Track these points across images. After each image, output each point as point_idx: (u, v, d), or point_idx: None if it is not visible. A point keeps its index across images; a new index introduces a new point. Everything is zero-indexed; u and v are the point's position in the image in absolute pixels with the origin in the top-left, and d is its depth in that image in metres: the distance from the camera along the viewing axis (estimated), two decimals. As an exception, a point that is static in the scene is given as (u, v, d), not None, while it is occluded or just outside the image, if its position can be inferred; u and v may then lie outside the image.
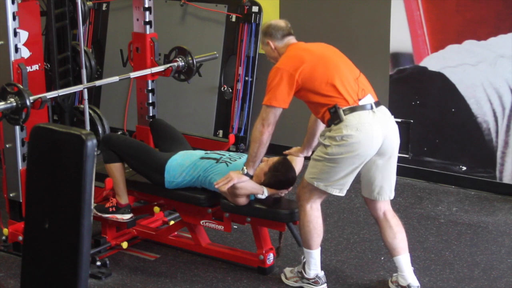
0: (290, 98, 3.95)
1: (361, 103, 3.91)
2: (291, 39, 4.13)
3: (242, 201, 4.19)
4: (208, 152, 4.49)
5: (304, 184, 4.05)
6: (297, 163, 4.41)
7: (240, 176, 4.07)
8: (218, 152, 4.47)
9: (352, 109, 3.88)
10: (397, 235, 4.07)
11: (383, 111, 3.99)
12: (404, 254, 4.08)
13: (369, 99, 3.95)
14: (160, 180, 4.41)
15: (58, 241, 2.77)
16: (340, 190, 3.97)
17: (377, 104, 3.97)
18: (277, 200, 4.29)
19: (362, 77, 4.04)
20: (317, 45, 4.14)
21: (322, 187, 3.97)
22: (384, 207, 4.09)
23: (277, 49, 4.10)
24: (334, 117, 3.88)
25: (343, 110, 3.87)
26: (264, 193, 4.18)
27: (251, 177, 4.10)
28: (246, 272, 4.40)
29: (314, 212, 4.05)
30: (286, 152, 4.46)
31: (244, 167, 4.08)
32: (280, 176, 4.21)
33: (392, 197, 4.07)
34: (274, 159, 4.28)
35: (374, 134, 3.87)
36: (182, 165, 4.38)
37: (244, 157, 4.42)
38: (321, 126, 4.25)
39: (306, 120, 4.36)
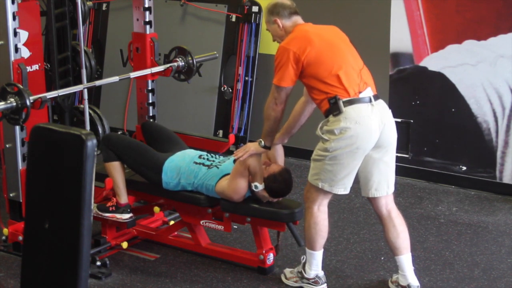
0: (296, 77, 3.96)
1: (361, 95, 3.91)
2: (298, 19, 4.10)
3: (243, 184, 4.16)
4: (202, 155, 4.49)
5: (309, 186, 4.05)
6: (278, 152, 4.36)
7: (257, 148, 4.09)
8: (210, 157, 4.47)
9: (352, 102, 3.88)
10: (401, 234, 4.07)
11: (382, 105, 3.99)
12: (406, 254, 4.08)
13: (369, 92, 3.95)
14: (157, 180, 4.41)
15: (58, 241, 2.77)
16: (344, 188, 3.97)
17: (376, 97, 3.97)
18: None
19: (365, 69, 4.04)
20: (326, 28, 4.12)
21: (327, 188, 3.96)
22: (388, 204, 4.08)
23: (285, 28, 4.08)
24: (333, 108, 3.88)
25: (343, 102, 3.87)
26: (261, 184, 4.17)
27: (268, 148, 4.11)
28: (246, 272, 4.40)
29: (321, 214, 4.04)
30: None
31: (261, 140, 4.08)
32: (276, 187, 4.20)
33: (390, 192, 4.05)
34: (274, 167, 4.25)
35: (372, 127, 3.87)
36: (179, 166, 4.38)
37: (233, 157, 4.42)
38: (306, 113, 4.24)
39: (311, 121, 4.30)
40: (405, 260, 4.08)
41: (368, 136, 3.87)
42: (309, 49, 3.91)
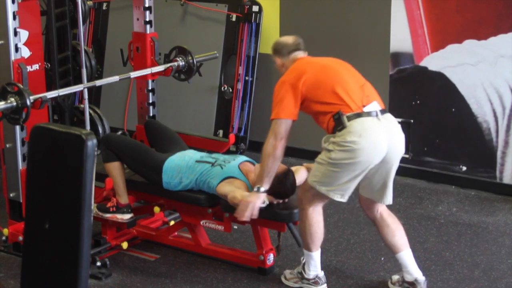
0: (297, 109, 3.96)
1: (365, 109, 3.88)
2: (299, 54, 4.16)
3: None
4: (203, 155, 4.49)
5: (307, 187, 4.03)
6: (301, 175, 4.35)
7: (258, 197, 4.02)
8: (212, 156, 4.47)
9: (356, 115, 3.85)
10: (396, 232, 4.08)
11: (389, 119, 3.96)
12: (406, 250, 4.08)
13: (375, 106, 3.92)
14: (158, 180, 4.41)
15: (58, 241, 2.77)
16: (341, 195, 3.94)
17: (383, 111, 3.94)
18: (277, 200, 4.29)
19: (368, 85, 4.03)
20: (323, 58, 4.18)
21: (324, 191, 3.94)
22: (380, 208, 4.10)
23: (285, 65, 4.16)
24: (337, 124, 3.86)
25: (347, 117, 3.84)
26: (265, 203, 4.15)
27: (267, 192, 4.06)
28: (246, 272, 4.40)
29: (316, 216, 4.04)
30: (306, 165, 4.41)
31: (258, 185, 4.03)
32: (281, 188, 4.17)
33: (391, 203, 4.07)
34: (279, 168, 4.23)
35: (377, 141, 3.84)
36: (179, 166, 4.38)
37: (238, 158, 4.41)
38: None
39: (311, 121, 4.30)
40: (406, 256, 4.08)
41: (373, 149, 3.83)
42: (305, 76, 3.95)
